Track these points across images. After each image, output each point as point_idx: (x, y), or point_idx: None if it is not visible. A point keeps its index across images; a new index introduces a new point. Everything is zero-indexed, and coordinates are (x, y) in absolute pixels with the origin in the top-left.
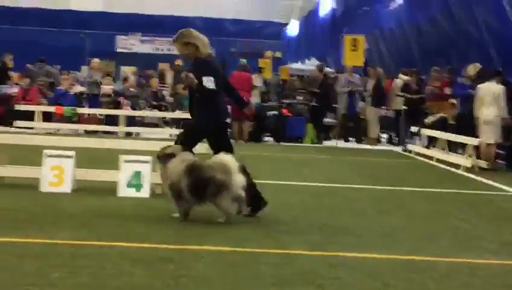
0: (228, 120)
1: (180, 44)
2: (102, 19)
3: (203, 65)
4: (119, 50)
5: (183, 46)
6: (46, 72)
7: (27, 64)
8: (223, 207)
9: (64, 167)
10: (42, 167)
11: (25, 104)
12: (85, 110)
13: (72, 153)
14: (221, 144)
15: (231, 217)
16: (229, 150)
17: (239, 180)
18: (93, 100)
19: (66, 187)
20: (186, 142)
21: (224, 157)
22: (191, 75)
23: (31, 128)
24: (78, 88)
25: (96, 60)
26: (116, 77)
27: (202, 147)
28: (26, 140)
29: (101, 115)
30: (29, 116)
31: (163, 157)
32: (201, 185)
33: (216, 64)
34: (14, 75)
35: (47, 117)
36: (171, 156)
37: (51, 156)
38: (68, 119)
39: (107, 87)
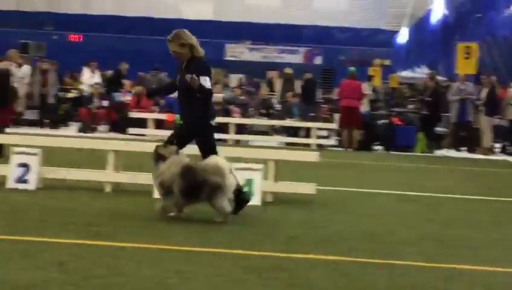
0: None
1: (176, 44)
2: (212, 27)
3: (200, 65)
4: (228, 58)
5: (179, 47)
6: (158, 80)
7: (139, 73)
8: (219, 207)
9: None
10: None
11: (138, 111)
12: None
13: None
14: (208, 145)
15: (228, 217)
16: (215, 151)
17: (232, 182)
18: None
19: None
20: (180, 141)
21: (218, 160)
22: (195, 76)
23: (144, 135)
24: None
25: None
26: (225, 85)
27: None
28: (144, 147)
29: None
30: (141, 123)
31: (158, 157)
32: (195, 188)
33: (209, 66)
34: (126, 83)
35: (158, 124)
36: (165, 157)
37: None
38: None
39: (217, 95)
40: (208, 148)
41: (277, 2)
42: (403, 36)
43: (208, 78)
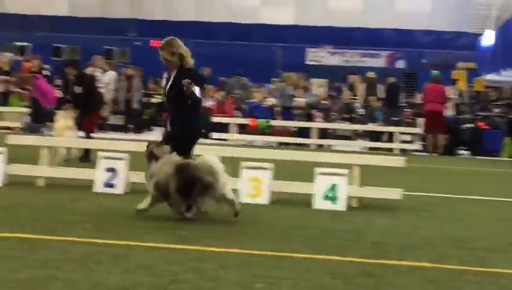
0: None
1: (168, 52)
2: (293, 32)
3: (191, 75)
4: (309, 62)
5: (170, 55)
6: (241, 85)
7: (220, 78)
8: (200, 205)
9: (262, 179)
10: (240, 178)
11: (221, 116)
12: (278, 123)
13: (269, 165)
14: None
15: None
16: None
17: (224, 180)
18: (286, 113)
19: (264, 199)
20: (184, 151)
21: (210, 159)
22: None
23: (226, 139)
24: (271, 101)
25: (290, 74)
26: (307, 90)
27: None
28: (228, 152)
29: (293, 127)
30: (224, 128)
31: (151, 157)
32: (189, 185)
33: (203, 76)
34: (208, 87)
35: (241, 129)
36: (158, 157)
37: (248, 168)
38: (261, 131)
39: (299, 100)
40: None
41: (358, 6)
42: (488, 39)
43: (198, 89)
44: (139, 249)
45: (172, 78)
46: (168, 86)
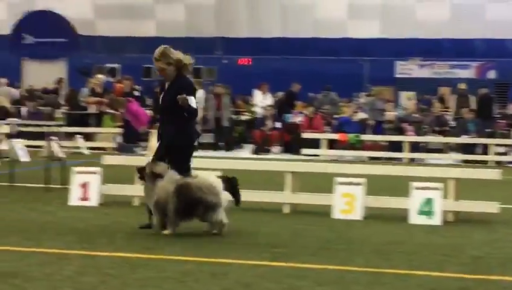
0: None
1: (163, 63)
2: (380, 45)
3: (187, 85)
4: (398, 76)
5: (166, 65)
6: (330, 100)
7: (309, 93)
8: (216, 222)
9: (355, 194)
10: (333, 194)
11: (311, 132)
12: (369, 137)
13: (362, 180)
14: (185, 164)
15: (224, 228)
16: (189, 171)
17: (225, 199)
18: (377, 127)
19: (357, 214)
20: (180, 162)
21: (210, 177)
22: (186, 96)
23: (317, 155)
24: (361, 115)
25: (379, 88)
26: (396, 103)
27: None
28: (320, 168)
29: (384, 141)
30: (314, 143)
31: (151, 176)
32: (191, 206)
33: (193, 84)
34: (297, 103)
35: (331, 144)
36: (159, 176)
37: (341, 183)
38: (352, 146)
39: (390, 114)
40: (184, 169)
41: (446, 15)
42: None
43: (193, 98)
44: (235, 267)
45: (166, 89)
46: (161, 97)
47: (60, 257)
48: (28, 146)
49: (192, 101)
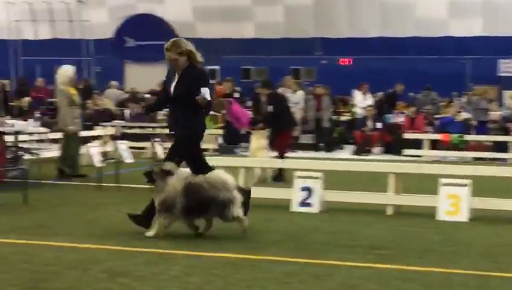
0: None
1: (174, 53)
2: (483, 43)
3: (200, 75)
4: (501, 74)
5: (177, 55)
6: (431, 100)
7: (409, 93)
8: (235, 219)
9: (460, 196)
10: (438, 195)
11: (412, 132)
12: (472, 137)
13: (467, 181)
14: (199, 155)
15: (246, 223)
16: (205, 161)
17: (239, 196)
18: (481, 127)
19: (463, 216)
20: (189, 152)
21: (222, 174)
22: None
23: (419, 156)
24: (465, 115)
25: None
26: (500, 103)
27: None
28: (424, 168)
29: (489, 141)
30: (416, 144)
31: (160, 174)
32: (203, 204)
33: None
34: (399, 104)
35: (434, 145)
36: (169, 173)
37: (446, 184)
38: (455, 147)
39: (494, 113)
40: (199, 159)
41: None
42: None
43: (207, 90)
44: (339, 269)
45: (177, 78)
46: (172, 86)
47: (167, 257)
48: (131, 147)
49: (206, 93)
